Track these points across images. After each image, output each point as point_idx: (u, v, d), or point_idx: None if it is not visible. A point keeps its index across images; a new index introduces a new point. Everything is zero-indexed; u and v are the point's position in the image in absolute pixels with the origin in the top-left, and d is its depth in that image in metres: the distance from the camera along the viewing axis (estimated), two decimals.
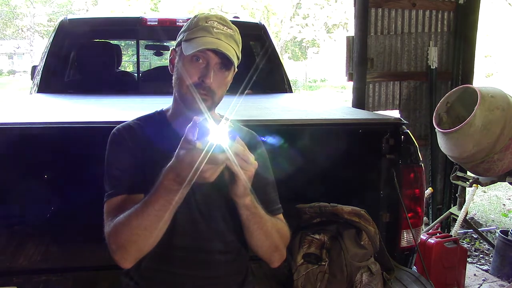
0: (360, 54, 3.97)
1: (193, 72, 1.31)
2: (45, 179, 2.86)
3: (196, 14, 1.38)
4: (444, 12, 4.30)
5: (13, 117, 2.06)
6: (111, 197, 1.32)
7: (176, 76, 1.36)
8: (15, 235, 2.48)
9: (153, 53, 5.07)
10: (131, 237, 1.20)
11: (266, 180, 1.47)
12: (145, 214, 1.18)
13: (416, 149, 2.01)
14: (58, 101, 2.79)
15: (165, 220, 1.19)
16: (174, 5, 16.28)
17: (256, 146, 1.46)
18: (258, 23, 3.76)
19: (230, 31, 1.33)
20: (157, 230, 1.20)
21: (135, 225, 1.19)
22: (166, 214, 1.18)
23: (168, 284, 1.39)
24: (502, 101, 3.06)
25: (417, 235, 2.05)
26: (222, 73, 1.33)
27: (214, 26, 1.31)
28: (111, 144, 1.39)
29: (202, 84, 1.30)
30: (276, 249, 1.39)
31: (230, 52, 1.29)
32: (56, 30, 3.36)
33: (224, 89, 1.37)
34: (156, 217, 1.18)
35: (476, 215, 5.01)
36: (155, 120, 1.44)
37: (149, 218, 1.18)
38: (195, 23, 1.33)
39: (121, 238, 1.21)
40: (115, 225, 1.23)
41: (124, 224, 1.21)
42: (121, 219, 1.22)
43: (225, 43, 1.30)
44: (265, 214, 1.32)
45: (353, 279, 1.80)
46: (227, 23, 1.34)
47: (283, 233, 1.42)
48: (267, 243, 1.35)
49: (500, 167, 3.14)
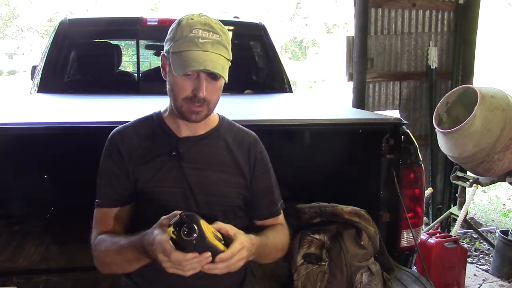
0: (360, 54, 3.97)
1: (185, 85, 1.30)
2: (45, 179, 2.86)
3: (180, 19, 1.34)
4: (444, 12, 4.30)
5: (13, 117, 2.06)
6: (97, 207, 1.40)
7: (169, 88, 1.36)
8: (15, 235, 2.48)
9: (153, 53, 5.06)
10: (105, 262, 1.33)
11: (265, 182, 1.48)
12: (119, 255, 1.28)
13: (416, 149, 2.01)
14: (58, 101, 2.79)
15: (137, 266, 1.30)
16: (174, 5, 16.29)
17: (255, 147, 1.46)
18: (258, 23, 3.76)
19: (216, 37, 1.29)
20: (130, 267, 1.31)
21: (109, 260, 1.31)
22: (138, 264, 1.29)
23: (167, 283, 1.38)
24: (502, 101, 3.06)
25: (417, 235, 2.05)
26: (214, 83, 1.32)
27: (199, 36, 1.27)
28: (105, 149, 1.42)
29: (196, 97, 1.29)
30: (281, 252, 1.48)
31: (218, 65, 1.27)
32: (56, 30, 3.36)
33: (219, 94, 1.36)
34: (128, 262, 1.28)
35: (476, 215, 5.01)
36: (152, 122, 1.44)
37: (120, 259, 1.28)
38: (180, 32, 1.30)
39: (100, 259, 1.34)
40: (95, 243, 1.36)
41: (101, 253, 1.33)
42: (102, 248, 1.33)
43: (213, 54, 1.27)
44: (270, 245, 1.39)
45: (353, 279, 1.80)
46: (212, 28, 1.30)
47: (284, 241, 1.48)
48: (270, 258, 1.44)
49: (500, 167, 3.14)
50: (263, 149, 1.49)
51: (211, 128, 1.44)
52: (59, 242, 2.37)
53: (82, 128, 1.86)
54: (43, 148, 2.46)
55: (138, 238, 1.22)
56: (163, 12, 16.35)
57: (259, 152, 1.47)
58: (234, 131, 1.48)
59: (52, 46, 3.27)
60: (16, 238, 2.44)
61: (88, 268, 2.04)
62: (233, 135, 1.46)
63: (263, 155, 1.48)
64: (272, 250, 1.41)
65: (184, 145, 1.38)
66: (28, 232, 2.50)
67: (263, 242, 1.33)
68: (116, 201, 1.38)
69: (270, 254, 1.41)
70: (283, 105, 2.95)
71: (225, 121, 1.49)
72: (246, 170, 1.43)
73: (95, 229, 1.38)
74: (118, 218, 1.38)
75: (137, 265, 1.29)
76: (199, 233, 1.08)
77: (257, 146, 1.47)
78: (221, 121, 1.48)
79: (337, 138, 2.33)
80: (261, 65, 3.87)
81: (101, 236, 1.34)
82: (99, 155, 1.41)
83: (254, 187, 1.45)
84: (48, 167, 2.82)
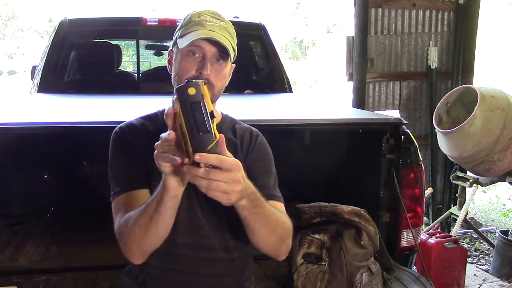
0: (360, 54, 3.97)
1: (190, 66, 1.32)
2: (45, 179, 2.86)
3: (188, 13, 1.39)
4: (444, 12, 4.30)
5: (13, 117, 2.06)
6: (117, 195, 1.33)
7: (174, 73, 1.37)
8: (15, 235, 2.49)
9: (153, 53, 5.07)
10: (133, 230, 1.20)
11: (259, 169, 1.41)
12: (144, 214, 1.18)
13: (416, 149, 2.01)
14: (58, 101, 2.79)
15: (165, 221, 1.18)
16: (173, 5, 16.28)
17: (256, 139, 1.45)
18: (258, 23, 3.75)
19: (223, 24, 1.34)
20: (158, 229, 1.19)
21: (132, 223, 1.20)
22: (166, 213, 1.16)
23: (169, 281, 1.39)
24: (502, 101, 3.06)
25: (417, 235, 2.05)
26: (219, 64, 1.34)
27: (207, 20, 1.32)
28: (113, 142, 1.39)
29: (200, 77, 1.30)
30: (283, 242, 1.32)
31: (224, 42, 1.30)
32: (56, 30, 3.36)
33: (223, 82, 1.37)
34: (155, 216, 1.16)
35: (476, 215, 5.01)
36: (156, 120, 1.44)
37: (148, 218, 1.17)
38: (188, 20, 1.35)
39: (124, 232, 1.23)
40: (120, 225, 1.25)
41: (124, 222, 1.23)
42: (125, 219, 1.23)
43: (219, 34, 1.31)
44: (269, 209, 1.23)
45: (353, 279, 1.80)
46: (219, 16, 1.36)
47: (287, 225, 1.33)
48: (273, 238, 1.28)
49: (500, 167, 3.14)
50: (264, 142, 1.48)
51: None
52: (59, 242, 2.37)
53: (82, 128, 1.86)
54: (43, 148, 2.47)
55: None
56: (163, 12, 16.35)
57: (259, 143, 1.46)
58: (236, 127, 1.48)
59: (52, 46, 3.27)
60: (16, 238, 2.45)
61: (88, 268, 2.06)
62: (236, 131, 1.46)
63: (262, 146, 1.46)
64: (278, 224, 1.26)
65: None
66: (28, 232, 2.50)
67: (261, 199, 1.19)
68: (133, 183, 1.32)
69: (276, 226, 1.26)
70: (283, 105, 2.96)
71: (228, 118, 1.50)
72: (244, 160, 1.40)
73: (116, 217, 1.29)
74: (138, 201, 1.28)
75: (157, 226, 1.17)
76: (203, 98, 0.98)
77: (257, 138, 1.46)
78: (224, 118, 1.48)
79: (337, 138, 2.33)
80: (261, 65, 3.87)
81: (124, 217, 1.25)
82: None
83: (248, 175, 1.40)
84: (48, 167, 2.83)
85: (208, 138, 0.97)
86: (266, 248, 1.31)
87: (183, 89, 0.99)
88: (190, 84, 0.99)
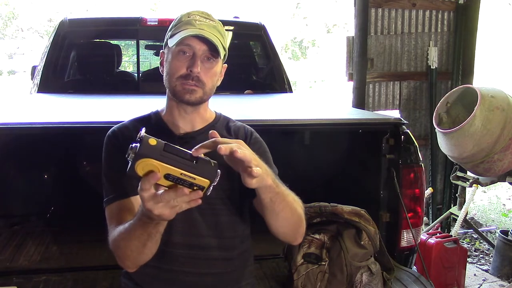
0: (360, 54, 3.98)
1: (181, 64, 1.33)
2: (45, 179, 2.86)
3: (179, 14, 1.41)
4: (444, 12, 4.30)
5: (13, 117, 2.06)
6: (110, 203, 1.33)
7: (166, 73, 1.38)
8: (15, 235, 2.49)
9: (153, 53, 5.07)
10: (125, 252, 1.22)
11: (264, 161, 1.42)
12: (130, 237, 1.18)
13: (416, 149, 2.01)
14: (58, 101, 2.79)
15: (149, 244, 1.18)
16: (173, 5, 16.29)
17: (250, 136, 1.46)
18: (258, 23, 3.75)
19: (212, 23, 1.36)
20: (146, 249, 1.19)
21: (123, 245, 1.21)
22: (148, 240, 1.16)
23: (167, 281, 1.39)
24: (502, 101, 3.06)
25: (417, 235, 2.05)
26: (210, 63, 1.35)
27: (196, 19, 1.34)
28: (106, 147, 1.40)
29: (191, 74, 1.32)
30: (301, 222, 1.33)
31: (214, 39, 1.31)
32: (56, 30, 3.36)
33: (214, 80, 1.38)
34: (140, 241, 1.17)
35: (476, 215, 5.01)
36: (151, 121, 1.44)
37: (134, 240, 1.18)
38: (178, 20, 1.37)
39: (117, 251, 1.25)
40: (112, 239, 1.26)
41: (116, 241, 1.24)
42: (115, 235, 1.24)
43: (209, 32, 1.32)
44: (285, 188, 1.25)
45: (353, 279, 1.80)
46: (209, 16, 1.38)
47: (301, 204, 1.34)
48: (294, 218, 1.28)
49: (500, 167, 3.14)
50: (259, 138, 1.48)
51: (208, 123, 1.44)
52: (59, 242, 2.37)
53: (82, 128, 1.86)
54: (43, 148, 2.47)
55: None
56: (163, 12, 16.35)
57: (254, 138, 1.46)
58: (230, 125, 1.48)
59: (52, 46, 3.27)
60: (16, 238, 2.45)
61: (88, 268, 2.06)
62: (230, 129, 1.47)
63: (255, 141, 1.46)
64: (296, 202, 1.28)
65: (182, 142, 1.38)
66: (28, 232, 2.51)
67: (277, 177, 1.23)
68: (125, 190, 1.32)
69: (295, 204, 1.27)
70: (283, 105, 2.96)
71: (222, 117, 1.50)
72: None
73: (110, 227, 1.30)
74: (130, 210, 1.30)
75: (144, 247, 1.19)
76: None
77: (252, 135, 1.47)
78: (217, 117, 1.49)
79: (337, 138, 2.33)
80: (261, 65, 3.87)
81: (116, 229, 1.27)
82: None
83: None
84: (48, 167, 2.82)
85: (204, 159, 0.99)
86: (287, 230, 1.32)
87: (145, 147, 0.95)
88: (144, 139, 0.96)
